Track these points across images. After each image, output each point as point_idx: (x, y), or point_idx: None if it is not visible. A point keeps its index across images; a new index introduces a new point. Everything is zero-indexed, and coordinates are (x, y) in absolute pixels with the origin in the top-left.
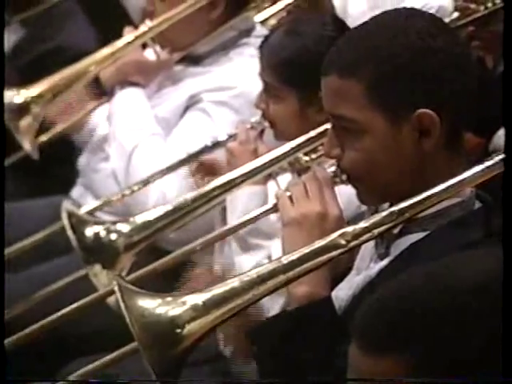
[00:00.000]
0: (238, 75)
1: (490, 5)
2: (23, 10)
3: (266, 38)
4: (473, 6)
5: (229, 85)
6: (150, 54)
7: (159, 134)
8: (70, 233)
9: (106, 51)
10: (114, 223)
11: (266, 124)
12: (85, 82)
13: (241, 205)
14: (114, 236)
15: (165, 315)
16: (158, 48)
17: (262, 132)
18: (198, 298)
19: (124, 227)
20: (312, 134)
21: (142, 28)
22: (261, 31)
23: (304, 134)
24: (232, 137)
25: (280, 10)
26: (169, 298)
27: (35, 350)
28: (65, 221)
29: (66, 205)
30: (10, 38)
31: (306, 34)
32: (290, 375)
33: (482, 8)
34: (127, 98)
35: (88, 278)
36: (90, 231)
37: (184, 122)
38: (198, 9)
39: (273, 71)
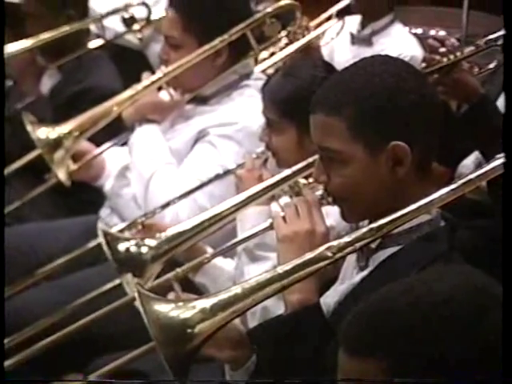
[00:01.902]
0: (240, 112)
1: (451, 57)
2: (59, 57)
3: (267, 80)
4: (437, 57)
5: (232, 120)
6: (164, 95)
7: (173, 163)
8: (105, 248)
9: (126, 93)
10: (142, 239)
11: (269, 154)
12: (109, 121)
13: (249, 222)
14: (142, 249)
15: (177, 317)
16: (171, 90)
17: (265, 161)
18: (205, 303)
19: (151, 242)
20: (309, 160)
21: (158, 74)
22: (258, 75)
23: (302, 161)
24: (240, 165)
25: (277, 62)
26: (180, 303)
27: (69, 347)
28: (101, 238)
29: (101, 225)
30: (48, 82)
31: (301, 76)
32: (284, 369)
33: (445, 59)
34: (145, 133)
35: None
36: (122, 246)
37: (194, 153)
38: (205, 57)
39: (274, 108)
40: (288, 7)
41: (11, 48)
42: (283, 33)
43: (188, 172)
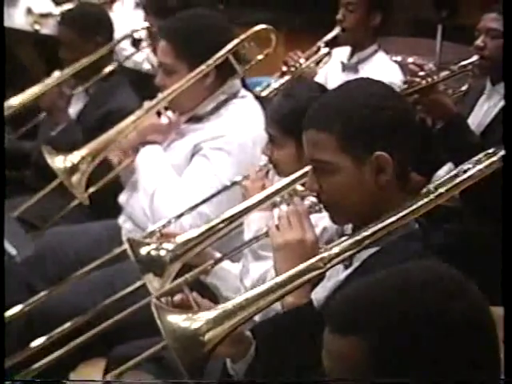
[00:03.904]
0: (228, 126)
1: (429, 80)
2: (86, 81)
3: (269, 100)
4: (417, 79)
5: (221, 134)
6: (164, 119)
7: (174, 176)
8: (129, 251)
9: (129, 119)
10: (161, 243)
11: (271, 166)
12: (115, 147)
13: (254, 226)
14: (161, 252)
15: (189, 327)
16: (169, 113)
17: (267, 172)
18: (213, 313)
19: (169, 246)
20: (304, 170)
21: (155, 100)
22: (244, 93)
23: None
24: (246, 177)
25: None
26: (190, 314)
27: (95, 335)
28: (126, 244)
29: (125, 232)
30: (77, 105)
31: (298, 96)
32: (281, 358)
33: (424, 82)
34: (148, 153)
35: None
36: (144, 250)
37: (191, 166)
38: (195, 81)
39: (275, 125)
40: (263, 32)
41: (51, 79)
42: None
43: (187, 183)
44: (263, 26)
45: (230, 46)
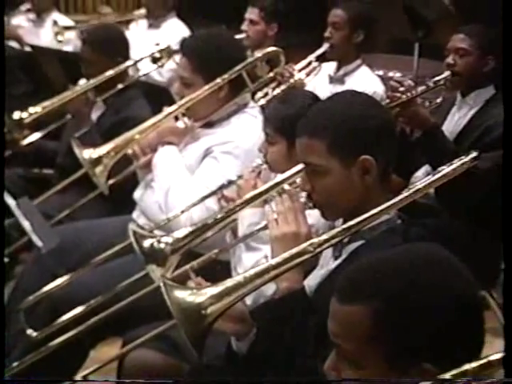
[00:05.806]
0: (237, 133)
1: (409, 94)
2: (104, 92)
3: (267, 104)
4: (398, 94)
5: (230, 139)
6: (180, 124)
7: (187, 175)
8: (134, 244)
9: (150, 122)
10: (162, 236)
11: (263, 167)
12: (137, 143)
13: (247, 220)
14: (163, 245)
15: (193, 301)
16: (185, 119)
17: (259, 173)
18: (215, 290)
19: (169, 239)
20: (290, 173)
21: (174, 106)
22: (253, 104)
23: (291, 168)
24: (240, 177)
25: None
26: (195, 290)
27: (111, 315)
28: (131, 237)
29: (132, 226)
30: (97, 112)
31: (292, 102)
32: (276, 339)
33: (404, 96)
34: (165, 153)
35: None
36: (147, 243)
37: (202, 167)
38: (210, 92)
39: (270, 125)
40: (274, 53)
41: (75, 88)
42: (271, 74)
43: (198, 182)
44: (274, 48)
45: (244, 64)
